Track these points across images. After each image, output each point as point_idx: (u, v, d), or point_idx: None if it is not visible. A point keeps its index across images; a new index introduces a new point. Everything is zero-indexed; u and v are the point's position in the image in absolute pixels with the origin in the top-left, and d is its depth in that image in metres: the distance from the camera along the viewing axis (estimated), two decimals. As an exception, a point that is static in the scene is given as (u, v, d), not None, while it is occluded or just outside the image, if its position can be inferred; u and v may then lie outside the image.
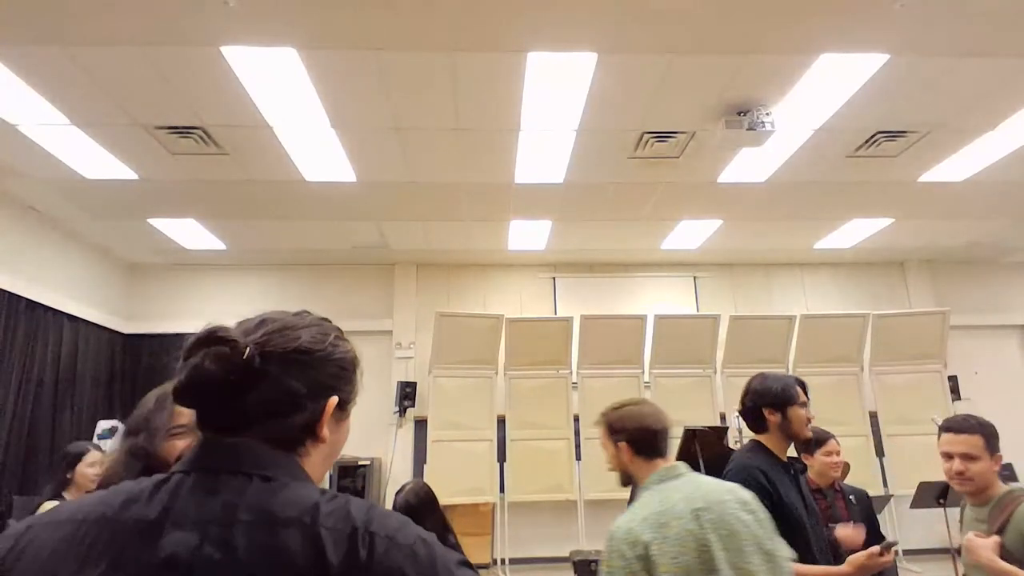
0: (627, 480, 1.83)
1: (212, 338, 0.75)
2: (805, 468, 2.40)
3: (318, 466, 0.81)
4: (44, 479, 2.99)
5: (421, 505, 2.86)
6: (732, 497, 1.68)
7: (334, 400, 0.82)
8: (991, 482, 2.04)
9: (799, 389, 2.16)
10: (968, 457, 2.03)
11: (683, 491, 1.66)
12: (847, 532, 2.57)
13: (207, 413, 0.78)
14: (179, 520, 0.69)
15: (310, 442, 0.80)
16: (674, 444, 5.19)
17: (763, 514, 1.69)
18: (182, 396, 0.77)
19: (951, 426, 2.10)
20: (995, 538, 1.90)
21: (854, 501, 2.96)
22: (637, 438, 1.76)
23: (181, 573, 0.67)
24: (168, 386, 1.15)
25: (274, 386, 0.77)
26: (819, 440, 2.99)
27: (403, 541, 0.71)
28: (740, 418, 2.49)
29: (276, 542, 0.68)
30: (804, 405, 2.16)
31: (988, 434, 2.06)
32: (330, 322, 0.89)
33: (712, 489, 1.69)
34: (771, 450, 2.17)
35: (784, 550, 1.66)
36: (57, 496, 2.75)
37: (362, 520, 0.71)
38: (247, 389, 0.76)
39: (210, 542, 0.68)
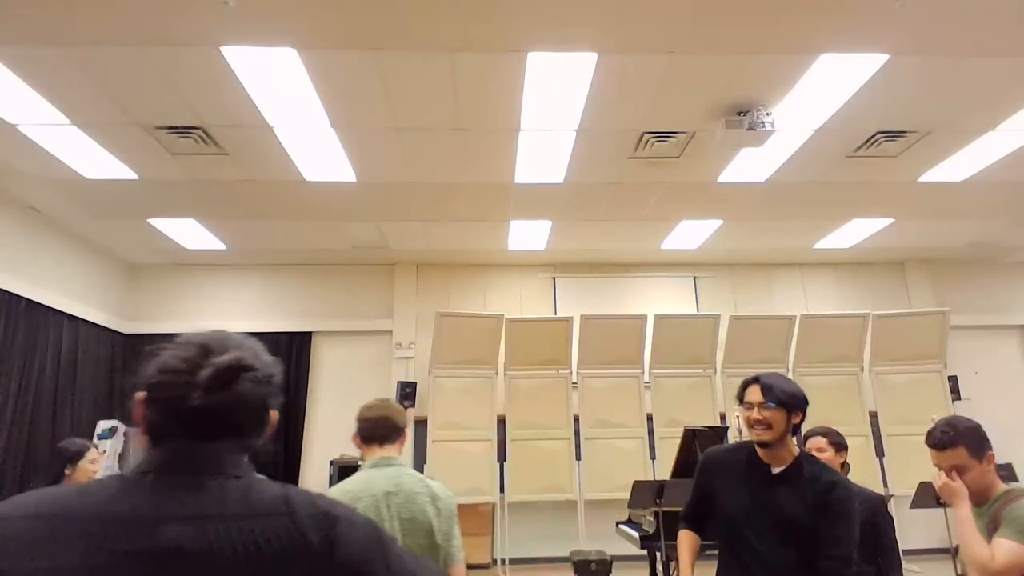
0: None
1: (239, 366, 0.89)
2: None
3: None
4: (38, 476, 2.95)
5: None
6: (425, 490, 1.97)
7: (275, 415, 0.94)
8: (988, 484, 2.01)
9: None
10: (957, 469, 2.02)
11: (386, 476, 1.96)
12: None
13: (190, 423, 0.86)
14: (172, 515, 0.77)
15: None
16: (674, 444, 5.21)
17: (450, 512, 1.98)
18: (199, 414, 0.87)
19: (932, 443, 2.06)
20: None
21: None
22: (360, 428, 2.09)
23: (184, 563, 0.74)
24: None
25: (242, 405, 0.90)
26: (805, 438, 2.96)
27: (356, 520, 0.85)
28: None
29: (264, 531, 0.78)
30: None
31: (970, 441, 2.00)
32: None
33: (410, 480, 1.99)
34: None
35: (457, 551, 1.95)
36: None
37: (322, 506, 0.83)
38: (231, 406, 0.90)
39: (207, 534, 0.76)
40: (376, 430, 2.08)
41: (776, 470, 2.06)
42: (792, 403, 2.03)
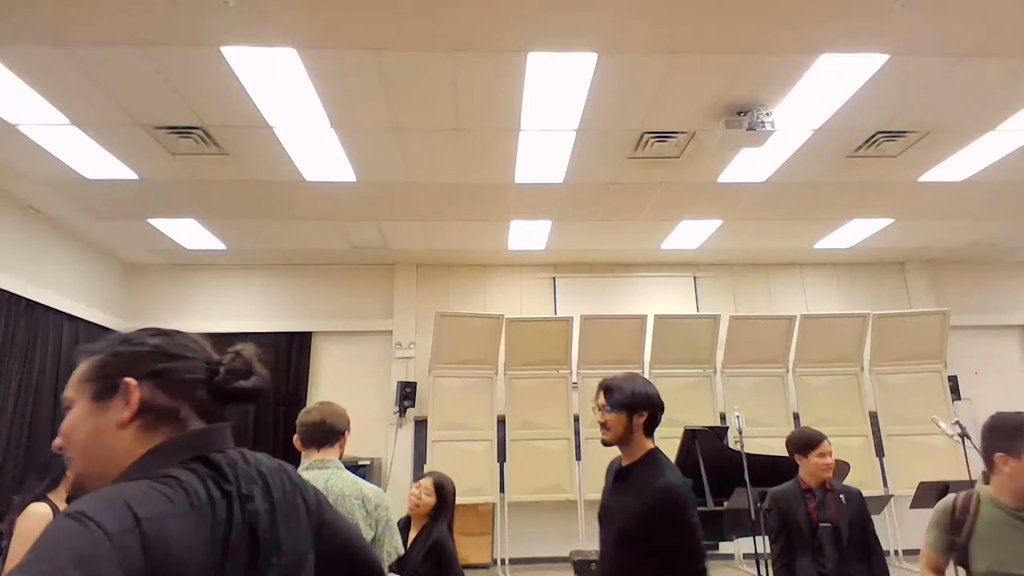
0: None
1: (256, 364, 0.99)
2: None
3: None
4: (33, 479, 2.91)
5: (450, 494, 2.96)
6: (355, 492, 2.09)
7: None
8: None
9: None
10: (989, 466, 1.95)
11: (318, 478, 2.08)
12: None
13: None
14: (244, 486, 0.88)
15: None
16: (674, 444, 5.21)
17: (380, 516, 2.11)
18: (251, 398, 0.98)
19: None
20: None
21: (844, 500, 2.99)
22: (299, 431, 2.22)
23: (260, 526, 0.86)
24: None
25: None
26: (813, 441, 3.01)
27: (312, 487, 1.04)
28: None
29: (295, 493, 0.98)
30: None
31: (999, 440, 1.91)
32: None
33: (341, 482, 2.10)
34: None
35: (383, 558, 2.02)
36: (43, 498, 2.71)
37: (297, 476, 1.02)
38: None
39: (265, 499, 0.89)
40: (313, 434, 2.19)
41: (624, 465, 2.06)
42: (633, 404, 1.99)
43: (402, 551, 2.23)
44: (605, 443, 2.04)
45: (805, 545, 2.89)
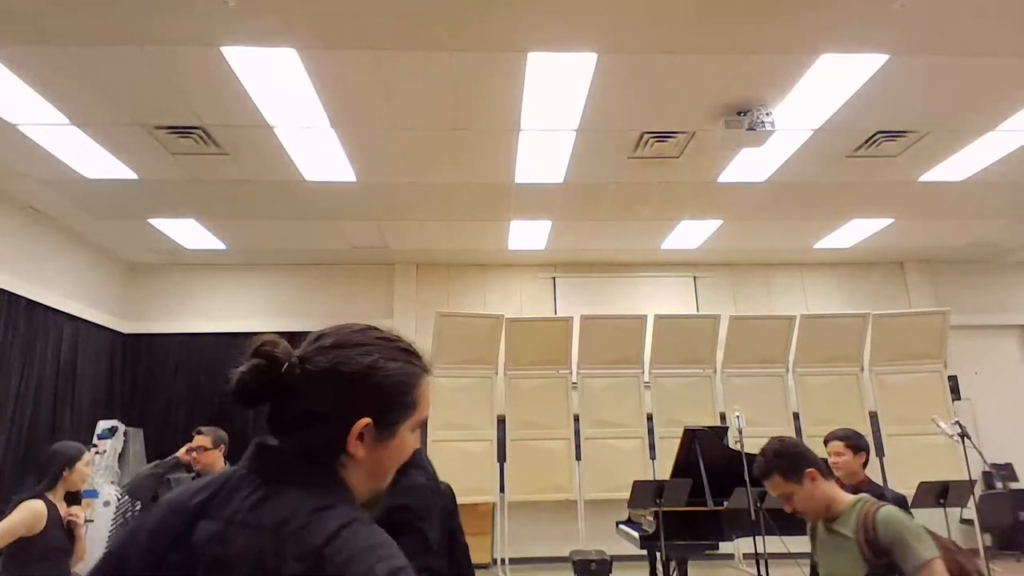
0: None
1: (257, 350, 0.83)
2: None
3: (358, 481, 0.84)
4: (32, 478, 2.92)
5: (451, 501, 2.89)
6: None
7: (363, 422, 0.82)
8: (826, 498, 2.00)
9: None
10: (783, 497, 2.02)
11: None
12: None
13: (268, 415, 0.84)
14: (214, 512, 0.77)
15: (345, 457, 0.82)
16: (674, 444, 5.21)
17: None
18: (232, 398, 0.82)
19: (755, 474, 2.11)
20: None
21: None
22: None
23: (202, 559, 0.74)
24: None
25: (305, 400, 0.81)
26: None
27: (353, 572, 0.69)
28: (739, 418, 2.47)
29: (254, 544, 0.72)
30: None
31: (781, 466, 1.97)
32: (396, 340, 0.89)
33: None
34: None
35: None
36: (41, 496, 2.72)
37: (324, 541, 0.70)
38: (284, 400, 0.82)
39: (222, 535, 0.74)
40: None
41: None
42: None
43: None
44: None
45: None
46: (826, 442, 2.97)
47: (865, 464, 2.87)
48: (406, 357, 0.87)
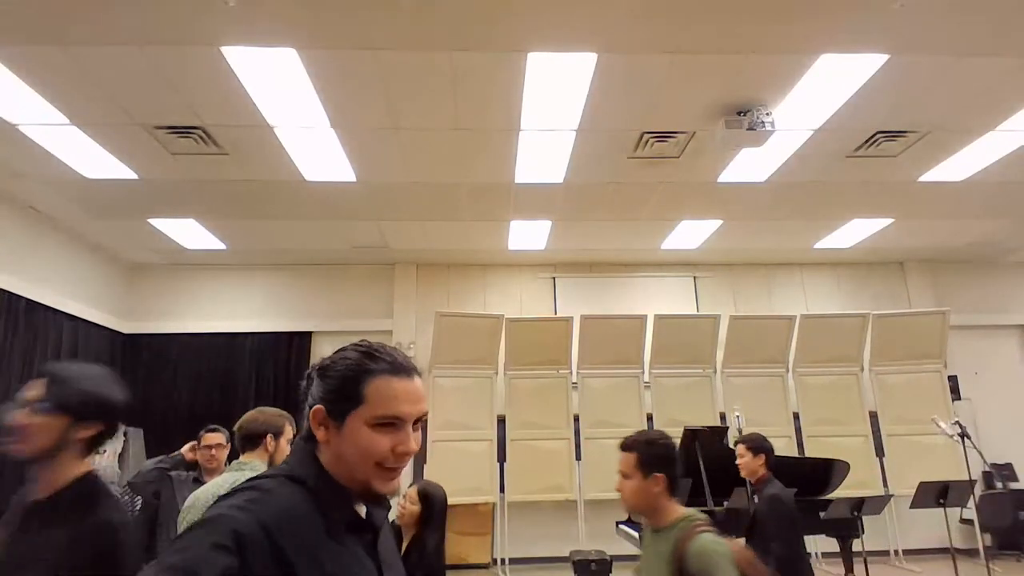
0: None
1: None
2: None
3: (331, 464, 0.98)
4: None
5: (439, 501, 2.88)
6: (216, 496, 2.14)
7: (316, 408, 0.99)
8: (654, 505, 1.96)
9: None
10: (622, 473, 2.00)
11: (227, 480, 2.18)
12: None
13: None
14: None
15: (318, 440, 1.00)
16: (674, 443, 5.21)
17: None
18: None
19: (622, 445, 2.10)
20: None
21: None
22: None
23: None
24: None
25: (305, 396, 1.03)
26: None
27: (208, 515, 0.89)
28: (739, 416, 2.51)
29: None
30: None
31: (646, 454, 1.96)
32: (367, 345, 1.04)
33: (220, 487, 2.14)
34: None
35: None
36: None
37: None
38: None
39: None
40: (238, 440, 2.39)
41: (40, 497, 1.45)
42: (79, 409, 1.41)
43: None
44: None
45: None
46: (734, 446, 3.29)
47: (767, 463, 3.35)
48: (359, 357, 1.00)
